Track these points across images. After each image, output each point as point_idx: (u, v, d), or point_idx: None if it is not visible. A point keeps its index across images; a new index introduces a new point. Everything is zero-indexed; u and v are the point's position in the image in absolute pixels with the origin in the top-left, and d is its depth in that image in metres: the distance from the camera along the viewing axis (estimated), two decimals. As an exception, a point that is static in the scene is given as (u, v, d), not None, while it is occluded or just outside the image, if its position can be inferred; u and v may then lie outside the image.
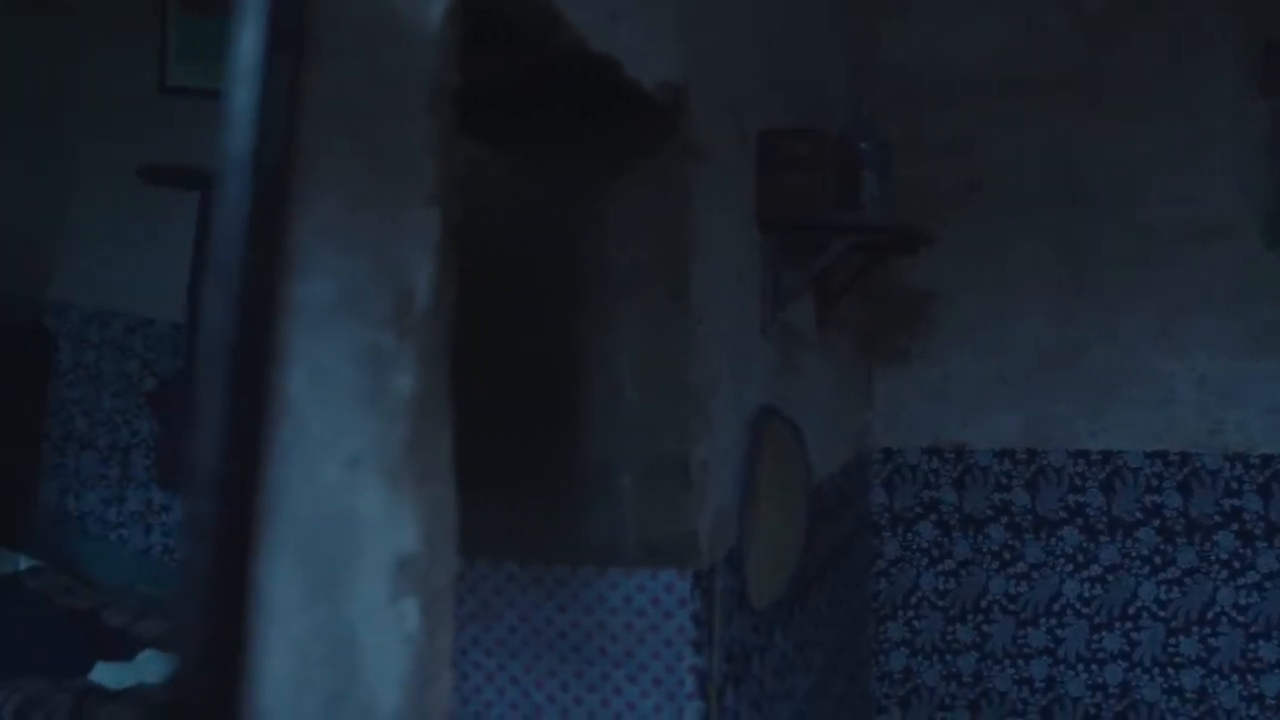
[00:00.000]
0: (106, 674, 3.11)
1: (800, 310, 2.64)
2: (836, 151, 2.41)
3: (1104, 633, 3.53)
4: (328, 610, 1.00)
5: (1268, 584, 3.43)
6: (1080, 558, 3.55)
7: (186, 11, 3.92)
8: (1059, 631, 3.56)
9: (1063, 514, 3.57)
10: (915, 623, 3.68)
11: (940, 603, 3.67)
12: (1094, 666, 3.53)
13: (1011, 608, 3.60)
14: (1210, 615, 3.46)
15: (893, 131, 2.74)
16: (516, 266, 1.89)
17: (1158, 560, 3.50)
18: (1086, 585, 3.54)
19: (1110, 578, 3.53)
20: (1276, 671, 3.42)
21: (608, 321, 1.87)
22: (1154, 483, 3.50)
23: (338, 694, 1.02)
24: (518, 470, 1.92)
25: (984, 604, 3.63)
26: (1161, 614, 3.49)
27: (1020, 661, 3.58)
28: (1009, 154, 3.61)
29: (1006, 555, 3.61)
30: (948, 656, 3.65)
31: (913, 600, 3.69)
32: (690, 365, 1.87)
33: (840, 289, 2.87)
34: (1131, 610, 3.51)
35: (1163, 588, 3.49)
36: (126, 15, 4.05)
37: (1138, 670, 3.50)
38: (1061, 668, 3.55)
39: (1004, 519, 3.61)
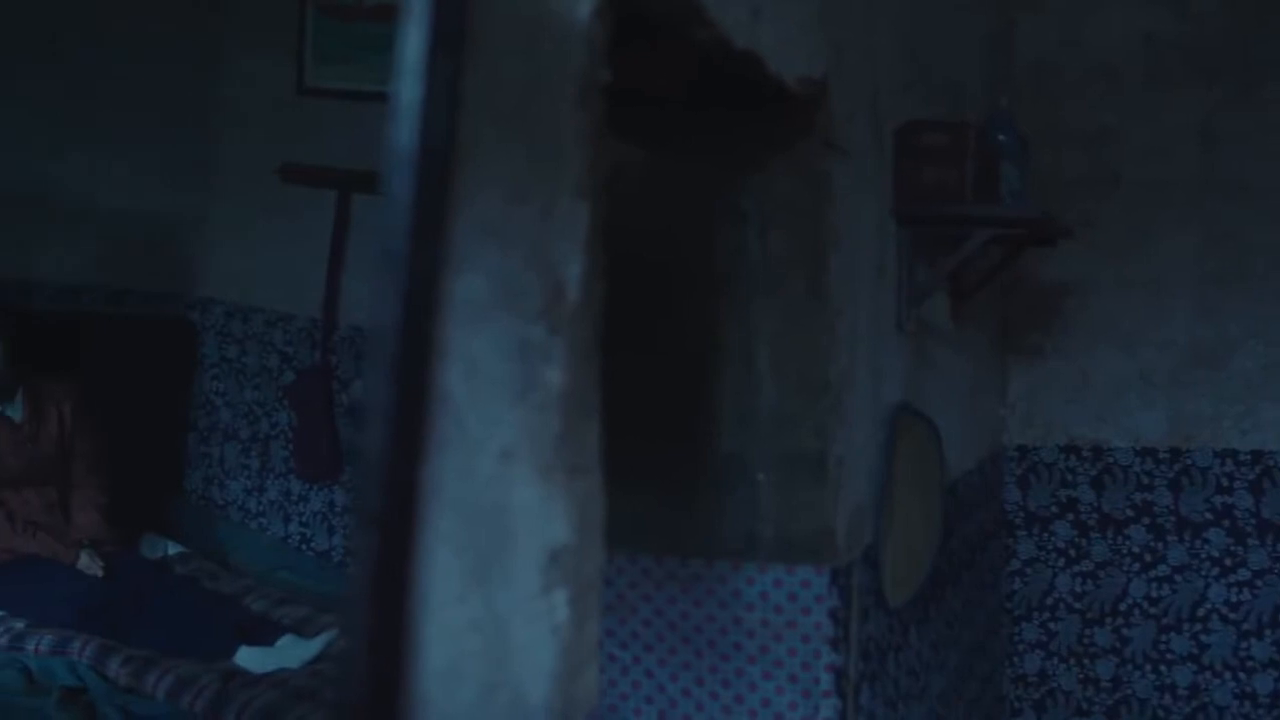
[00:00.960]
0: (249, 658, 3.21)
1: (935, 304, 2.60)
2: (975, 143, 2.36)
3: (1252, 640, 3.40)
4: (482, 601, 1.01)
5: None
6: (1227, 561, 3.43)
7: (325, 14, 4.01)
8: (1203, 637, 3.45)
9: (1208, 515, 3.45)
10: (1051, 625, 3.60)
11: (1077, 605, 3.58)
12: (1241, 675, 3.41)
13: (1153, 611, 3.49)
14: (1367, 623, 3.32)
15: (1030, 123, 2.68)
16: (655, 260, 1.89)
17: (1309, 565, 3.36)
18: (1233, 590, 3.42)
19: (1259, 582, 3.40)
20: None
21: (746, 315, 1.86)
22: (1307, 484, 3.37)
23: (491, 684, 1.04)
24: (654, 464, 1.92)
25: (1123, 607, 3.53)
26: (1313, 621, 3.36)
27: (1162, 667, 3.47)
28: (1151, 143, 3.50)
29: (1148, 557, 3.50)
30: (1085, 660, 3.56)
31: (1048, 602, 3.60)
32: (828, 360, 1.85)
33: (976, 283, 2.81)
34: (1281, 617, 3.38)
35: (1315, 593, 3.36)
36: (267, 19, 4.16)
37: (1288, 679, 3.37)
38: (1207, 675, 3.43)
39: (1145, 520, 3.51)
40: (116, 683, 3.03)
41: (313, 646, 3.25)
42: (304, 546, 4.09)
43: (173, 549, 3.93)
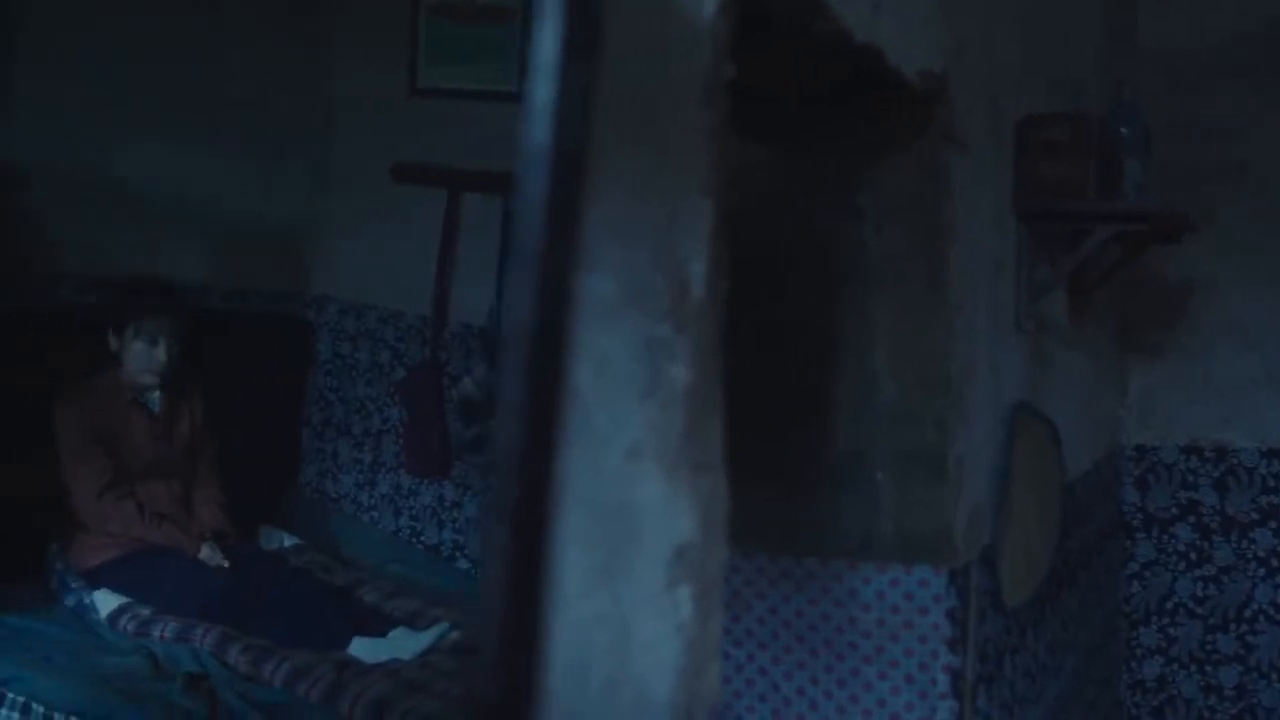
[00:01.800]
0: (362, 648, 3.26)
1: (1054, 301, 2.54)
2: (1096, 136, 2.31)
3: (1385, 648, 3.28)
4: (608, 597, 1.02)
5: None
6: (1360, 567, 3.31)
7: (436, 16, 4.07)
8: (1334, 646, 3.33)
9: (1339, 519, 3.33)
10: (1170, 630, 3.50)
11: (1199, 610, 3.47)
12: (1374, 684, 3.28)
13: (1280, 618, 3.38)
14: None
15: (1154, 114, 2.61)
16: (771, 256, 1.88)
17: None
18: (1366, 596, 3.30)
19: (1393, 589, 3.28)
20: None
21: (863, 311, 1.84)
22: None
23: (616, 679, 1.04)
24: (770, 461, 1.91)
25: (1249, 613, 3.42)
26: None
27: (1291, 676, 3.36)
28: (1280, 134, 3.38)
29: (1275, 562, 3.39)
30: (1207, 667, 3.46)
31: (1168, 606, 3.51)
32: (948, 356, 1.83)
33: (1096, 280, 2.75)
34: None
35: None
36: (379, 21, 4.24)
37: None
38: (1338, 685, 3.32)
39: (1272, 523, 3.39)
40: (236, 670, 3.11)
41: (424, 639, 3.29)
42: (414, 540, 4.16)
43: (288, 541, 4.03)
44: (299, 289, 4.42)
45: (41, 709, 2.98)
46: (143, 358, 3.59)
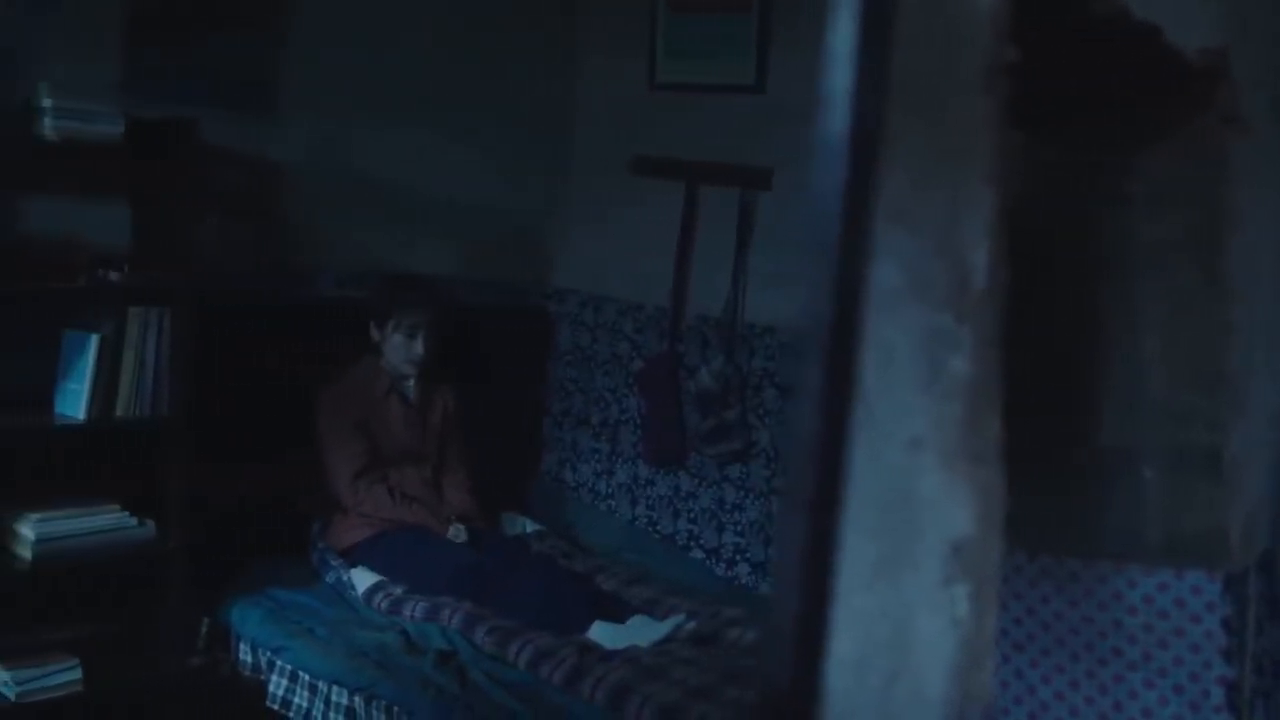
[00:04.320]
0: (603, 634, 3.33)
1: (1336, 292, 2.38)
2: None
3: None
4: (888, 590, 1.01)
5: None
6: None
7: (675, 10, 4.11)
8: None
9: None
10: None
11: None
12: None
13: None
14: None
15: None
16: (1031, 242, 1.82)
17: None
18: None
19: None
20: None
21: (1131, 301, 1.76)
22: None
23: (893, 675, 1.03)
24: (1029, 456, 1.84)
25: None
26: None
27: None
28: None
29: None
30: None
31: None
32: (1225, 350, 1.73)
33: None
34: None
35: None
36: (620, 16, 4.31)
37: None
38: None
39: None
40: (482, 649, 3.22)
41: (663, 628, 3.34)
42: (650, 529, 4.22)
43: (530, 527, 4.15)
44: (540, 282, 4.55)
45: (307, 677, 3.17)
46: (402, 350, 3.77)
